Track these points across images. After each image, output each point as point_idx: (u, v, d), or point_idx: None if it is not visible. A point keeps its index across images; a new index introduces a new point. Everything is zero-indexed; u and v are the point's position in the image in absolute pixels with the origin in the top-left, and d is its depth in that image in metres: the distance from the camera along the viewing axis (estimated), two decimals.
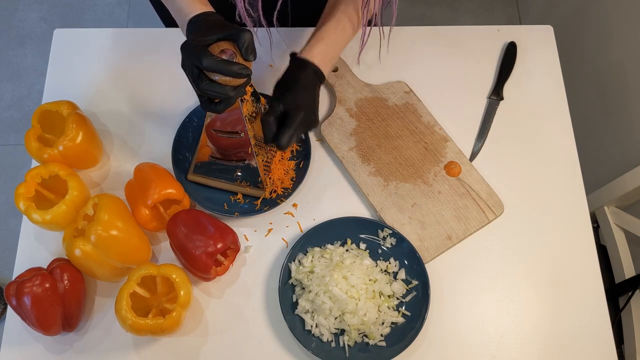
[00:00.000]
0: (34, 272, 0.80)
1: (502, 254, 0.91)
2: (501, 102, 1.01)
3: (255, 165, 0.88)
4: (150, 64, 1.03)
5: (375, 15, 0.90)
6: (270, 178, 0.92)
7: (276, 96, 0.84)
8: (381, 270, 0.87)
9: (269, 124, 0.80)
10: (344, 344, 0.83)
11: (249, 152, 0.86)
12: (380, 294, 0.85)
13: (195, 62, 0.69)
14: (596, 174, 1.52)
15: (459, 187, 0.93)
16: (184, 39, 0.74)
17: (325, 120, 0.98)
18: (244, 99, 0.80)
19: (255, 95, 0.84)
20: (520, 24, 2.18)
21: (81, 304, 0.84)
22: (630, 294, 1.41)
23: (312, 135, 0.98)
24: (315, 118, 0.85)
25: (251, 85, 0.81)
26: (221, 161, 0.91)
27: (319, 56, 0.85)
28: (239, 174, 0.91)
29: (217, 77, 0.69)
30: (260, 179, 0.89)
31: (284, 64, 1.03)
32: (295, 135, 0.80)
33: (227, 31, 0.71)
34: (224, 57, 0.69)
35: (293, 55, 0.86)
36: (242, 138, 0.84)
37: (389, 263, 0.88)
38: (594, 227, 1.36)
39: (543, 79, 1.03)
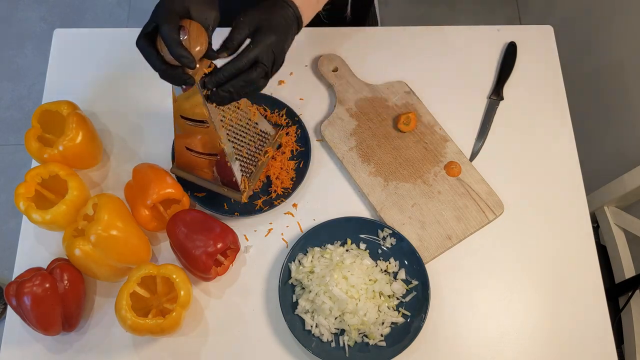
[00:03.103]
0: (34, 272, 0.80)
1: (502, 254, 0.91)
2: (501, 102, 1.01)
3: (228, 162, 0.81)
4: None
5: None
6: (249, 180, 0.86)
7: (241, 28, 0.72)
8: (381, 270, 0.87)
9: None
10: (344, 344, 0.83)
11: (218, 145, 0.79)
12: (380, 294, 0.85)
13: (157, 21, 0.67)
14: (596, 174, 1.52)
15: (459, 187, 0.93)
16: None
17: (325, 120, 0.98)
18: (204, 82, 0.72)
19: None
20: (520, 24, 2.18)
21: (81, 304, 0.84)
22: (630, 294, 1.41)
23: (312, 135, 0.98)
24: (282, 59, 0.74)
25: (210, 67, 0.73)
26: (196, 153, 0.84)
27: None
28: (215, 171, 0.85)
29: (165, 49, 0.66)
30: (234, 179, 0.84)
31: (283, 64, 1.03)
32: (251, 58, 0.70)
33: (203, 11, 0.68)
34: (182, 34, 0.66)
35: None
36: (209, 129, 0.77)
37: (389, 263, 0.88)
38: (594, 227, 1.36)
39: (543, 79, 1.03)
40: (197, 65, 0.68)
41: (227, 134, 0.81)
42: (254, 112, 0.86)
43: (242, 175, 0.86)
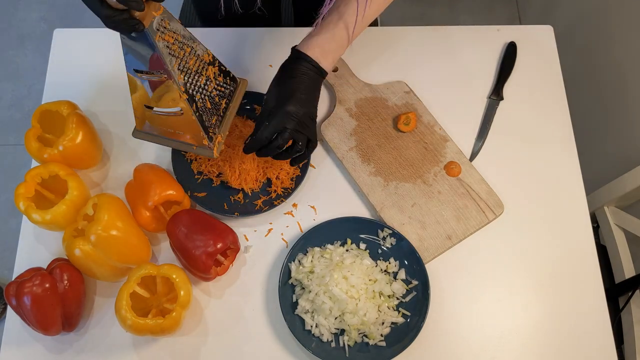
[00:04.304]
0: (33, 272, 0.80)
1: (502, 253, 0.91)
2: (501, 102, 1.01)
3: (193, 117, 0.76)
4: None
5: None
6: (217, 133, 0.81)
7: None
8: (381, 270, 0.87)
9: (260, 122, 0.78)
10: (344, 344, 0.83)
11: (179, 97, 0.74)
12: (380, 294, 0.85)
13: None
14: (596, 174, 1.52)
15: (459, 187, 0.93)
16: None
17: (325, 120, 0.98)
18: (160, 30, 0.68)
19: (173, 22, 0.71)
20: (520, 24, 2.18)
21: (81, 304, 0.84)
22: (630, 294, 1.41)
23: None
24: (308, 114, 0.80)
25: (166, 13, 0.70)
26: (157, 110, 0.78)
27: (318, 48, 0.80)
28: (180, 128, 0.79)
29: None
30: (202, 133, 0.78)
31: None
32: (271, 130, 0.77)
33: None
34: None
35: (292, 49, 0.83)
36: (166, 81, 0.72)
37: (389, 263, 0.88)
38: (594, 227, 1.36)
39: (543, 79, 1.03)
40: (146, 9, 0.64)
41: (186, 84, 0.75)
42: (210, 56, 0.80)
43: (210, 128, 0.81)
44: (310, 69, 0.80)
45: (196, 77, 0.78)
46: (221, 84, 0.84)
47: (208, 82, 0.80)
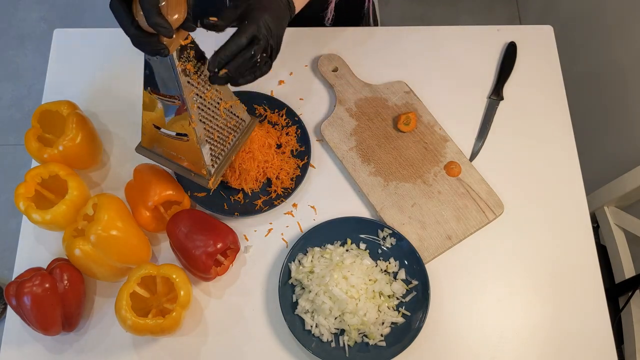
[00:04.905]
0: (33, 272, 0.80)
1: (502, 254, 0.91)
2: (501, 102, 1.01)
3: (197, 145, 0.76)
4: None
5: None
6: (217, 166, 0.81)
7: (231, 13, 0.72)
8: (381, 270, 0.87)
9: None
10: (343, 344, 0.83)
11: (189, 124, 0.74)
12: (380, 294, 0.85)
13: None
14: (596, 174, 1.52)
15: (459, 187, 0.93)
16: None
17: (325, 120, 0.98)
18: (183, 58, 0.69)
19: (198, 54, 0.72)
20: (520, 24, 2.18)
21: (81, 304, 0.84)
22: (630, 294, 1.41)
23: (312, 135, 0.98)
24: (278, 34, 0.73)
25: (193, 44, 0.71)
26: (164, 132, 0.78)
27: None
28: (183, 153, 0.79)
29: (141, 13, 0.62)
30: (203, 162, 0.79)
31: (283, 64, 1.04)
32: (248, 36, 0.69)
33: None
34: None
35: None
36: (180, 107, 0.73)
37: (389, 263, 0.88)
38: (594, 227, 1.36)
39: (543, 79, 1.03)
40: (174, 36, 0.64)
41: (200, 113, 0.76)
42: (229, 93, 0.81)
43: (212, 160, 0.82)
44: (285, 5, 0.75)
45: (210, 109, 0.78)
46: (233, 118, 0.85)
47: (220, 116, 0.81)
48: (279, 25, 0.73)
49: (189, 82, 0.72)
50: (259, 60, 0.72)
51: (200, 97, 0.76)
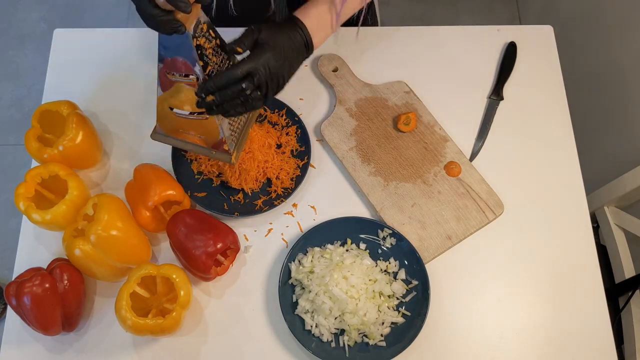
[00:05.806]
0: (33, 272, 0.81)
1: (502, 254, 0.91)
2: (501, 102, 1.01)
3: (218, 121, 0.77)
4: (150, 64, 1.03)
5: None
6: (236, 141, 0.81)
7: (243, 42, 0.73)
8: (381, 270, 0.87)
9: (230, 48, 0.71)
10: (343, 344, 0.83)
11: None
12: (380, 294, 0.85)
13: None
14: (596, 174, 1.52)
15: (459, 187, 0.93)
16: None
17: (325, 120, 0.98)
18: (197, 33, 0.69)
19: (213, 30, 0.72)
20: (520, 24, 2.18)
21: (81, 304, 0.84)
22: (630, 294, 1.41)
23: (312, 135, 0.98)
24: (282, 75, 0.74)
25: (208, 26, 0.71)
26: (181, 113, 0.79)
27: (314, 19, 0.76)
28: (202, 132, 0.80)
29: None
30: (223, 138, 0.79)
31: None
32: (245, 69, 0.70)
33: None
34: None
35: (291, 14, 0.78)
36: (193, 82, 0.73)
37: (389, 263, 0.88)
38: (594, 227, 1.36)
39: (543, 79, 1.03)
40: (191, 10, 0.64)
41: None
42: None
43: (231, 134, 0.82)
44: (300, 40, 0.77)
45: None
46: None
47: None
48: (283, 66, 0.74)
49: (204, 58, 0.71)
50: (250, 95, 0.73)
51: (217, 71, 0.75)
